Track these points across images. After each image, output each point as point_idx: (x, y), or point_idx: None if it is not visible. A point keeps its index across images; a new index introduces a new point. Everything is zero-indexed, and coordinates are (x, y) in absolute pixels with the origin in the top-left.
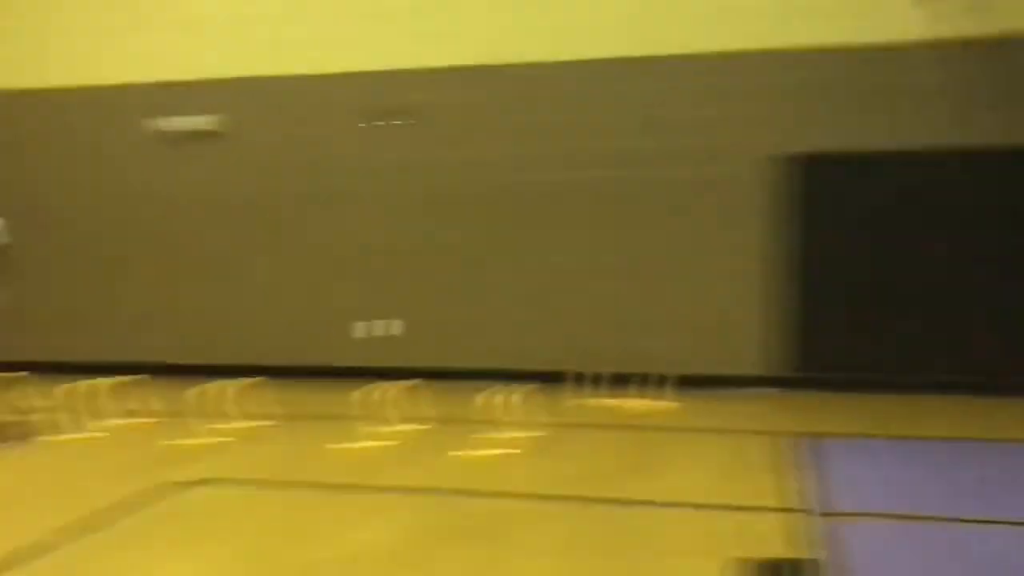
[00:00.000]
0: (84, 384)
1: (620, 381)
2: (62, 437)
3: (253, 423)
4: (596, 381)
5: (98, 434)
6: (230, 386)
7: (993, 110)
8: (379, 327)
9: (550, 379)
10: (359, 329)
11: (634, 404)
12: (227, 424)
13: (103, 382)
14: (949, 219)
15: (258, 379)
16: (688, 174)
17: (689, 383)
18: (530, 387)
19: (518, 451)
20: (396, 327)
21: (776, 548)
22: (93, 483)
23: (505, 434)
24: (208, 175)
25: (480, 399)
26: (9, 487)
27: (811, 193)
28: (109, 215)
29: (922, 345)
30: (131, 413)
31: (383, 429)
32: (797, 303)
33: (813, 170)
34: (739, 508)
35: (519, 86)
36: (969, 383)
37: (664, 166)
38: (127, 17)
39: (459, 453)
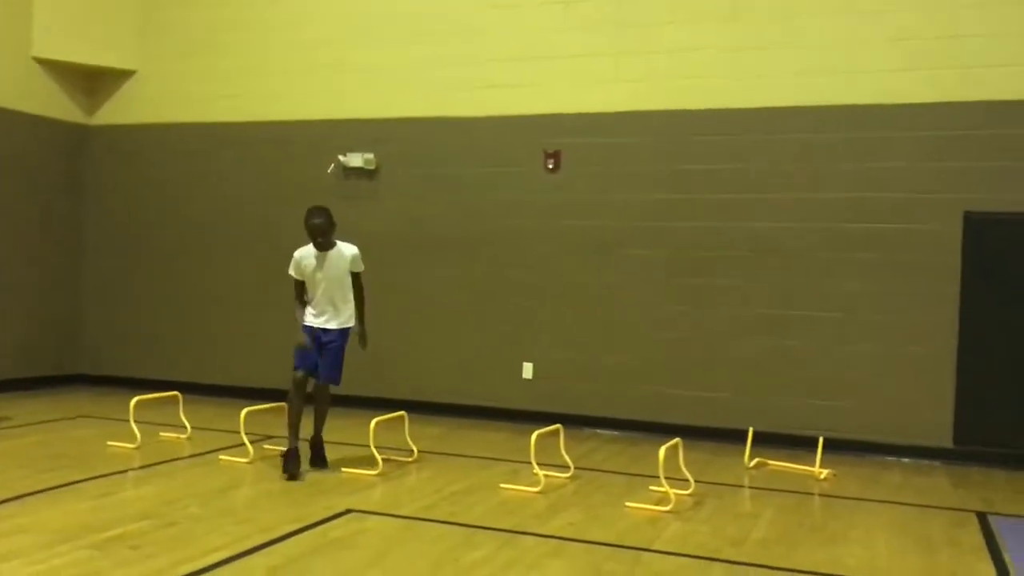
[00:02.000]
0: (247, 408)
1: (783, 443)
2: (229, 458)
3: (400, 457)
4: (766, 441)
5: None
6: (374, 419)
7: None
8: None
9: (718, 436)
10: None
11: (798, 467)
12: (377, 455)
13: (263, 407)
14: None
15: (400, 413)
16: (871, 228)
17: (843, 448)
18: (688, 442)
19: (687, 509)
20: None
21: None
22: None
23: (674, 490)
24: (365, 210)
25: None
26: (181, 502)
27: (982, 254)
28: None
29: None
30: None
31: (542, 473)
32: (965, 372)
33: (986, 229)
34: None
35: (677, 131)
36: None
37: (845, 219)
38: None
39: (633, 505)
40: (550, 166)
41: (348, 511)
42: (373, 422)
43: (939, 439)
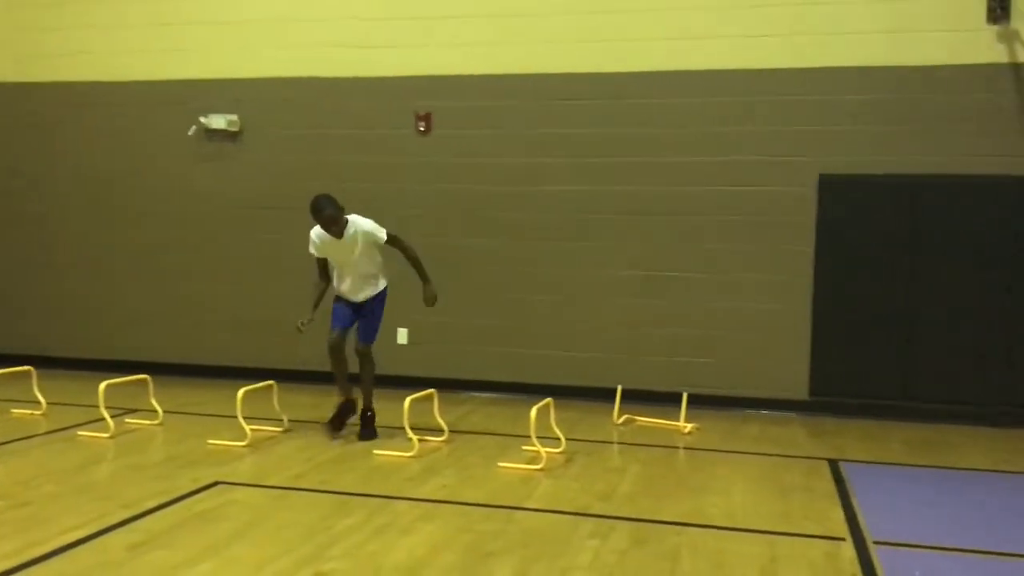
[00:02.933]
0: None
1: (651, 399)
2: (89, 433)
3: (269, 427)
4: (634, 399)
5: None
6: (241, 389)
7: None
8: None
9: (589, 395)
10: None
11: (664, 423)
12: (246, 426)
13: (124, 379)
14: (974, 245)
15: (268, 382)
16: (731, 191)
17: (707, 403)
18: (560, 401)
19: (558, 467)
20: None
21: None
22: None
23: (545, 448)
24: (228, 174)
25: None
26: (35, 481)
27: (836, 215)
28: (134, 209)
29: (941, 371)
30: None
31: (415, 438)
32: (820, 328)
33: (840, 191)
34: (782, 533)
35: (544, 94)
36: (989, 412)
37: (709, 182)
38: (162, 13)
39: (505, 465)
40: (421, 128)
41: (216, 483)
42: (241, 392)
43: (796, 392)
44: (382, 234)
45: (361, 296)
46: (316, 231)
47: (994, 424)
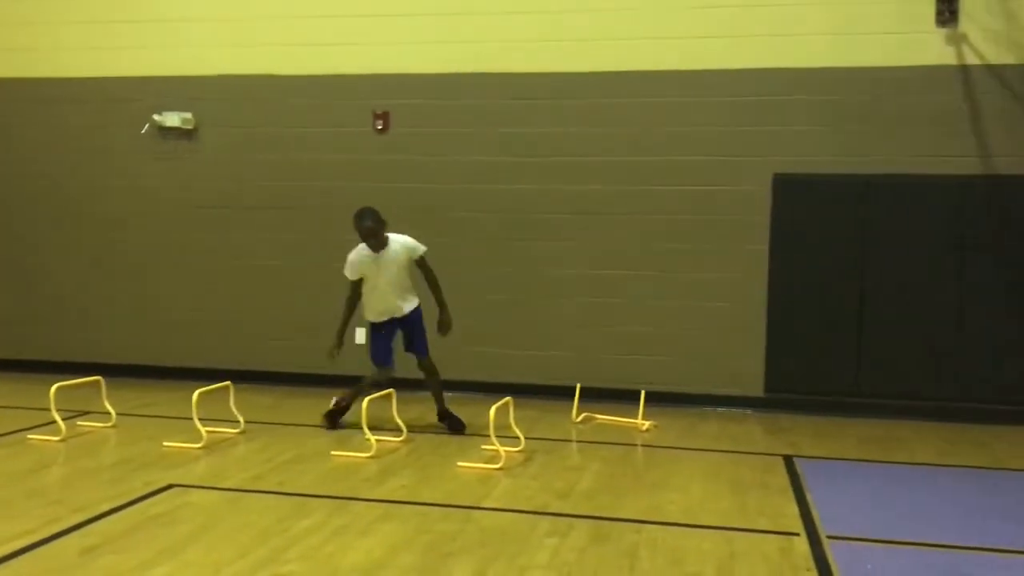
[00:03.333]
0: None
1: (609, 397)
2: (39, 437)
3: (225, 428)
4: (593, 397)
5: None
6: (196, 390)
7: (997, 136)
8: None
9: (548, 393)
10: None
11: (622, 421)
12: (201, 428)
13: (76, 381)
14: (924, 242)
15: (225, 383)
16: (686, 191)
17: (664, 400)
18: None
19: (517, 465)
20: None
21: (784, 571)
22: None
23: (504, 447)
24: (183, 173)
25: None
26: None
27: (789, 214)
28: (86, 208)
29: (893, 368)
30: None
31: (374, 438)
32: (774, 325)
33: (793, 191)
34: (738, 529)
35: (502, 93)
36: (939, 408)
37: (664, 182)
38: (114, 10)
39: (464, 464)
40: (379, 127)
41: (170, 486)
42: (196, 393)
43: (752, 389)
44: (422, 248)
45: (406, 308)
46: (357, 253)
47: (944, 419)
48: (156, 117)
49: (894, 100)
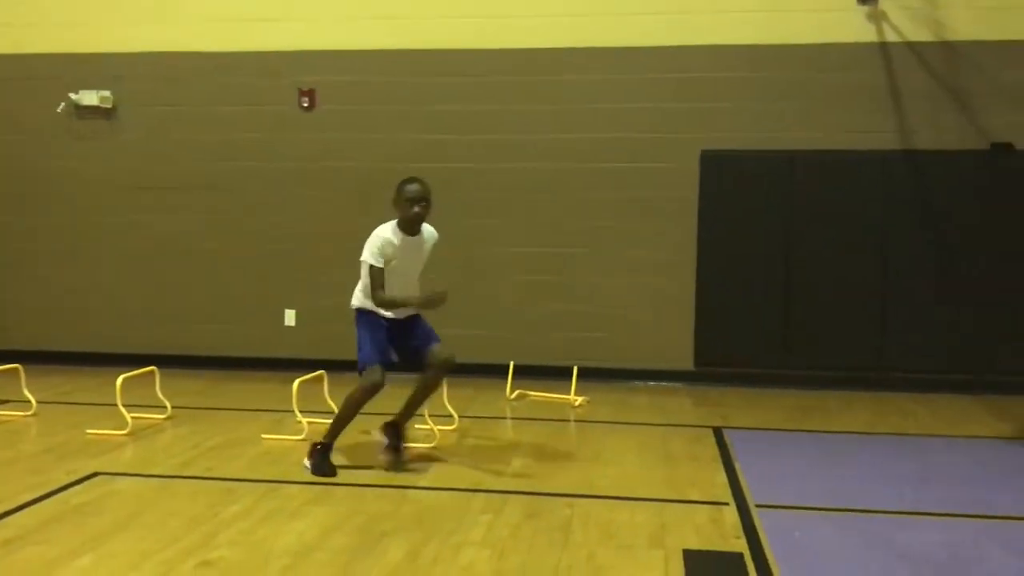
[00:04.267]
0: None
1: (543, 374)
2: None
3: (152, 415)
4: (527, 374)
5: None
6: (120, 375)
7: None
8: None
9: (482, 372)
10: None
11: (555, 397)
12: (126, 414)
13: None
14: (848, 216)
15: (150, 368)
16: (617, 167)
17: (598, 376)
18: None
19: (451, 444)
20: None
21: (715, 540)
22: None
23: (439, 427)
24: (102, 153)
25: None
26: None
27: (716, 190)
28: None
29: (818, 339)
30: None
31: (306, 421)
32: (703, 300)
33: (721, 167)
34: (669, 500)
35: (433, 70)
36: (864, 377)
37: (593, 159)
38: None
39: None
40: (305, 104)
41: (95, 474)
42: (120, 379)
43: (682, 363)
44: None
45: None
46: (383, 235)
47: (869, 388)
48: (72, 96)
49: (818, 77)
